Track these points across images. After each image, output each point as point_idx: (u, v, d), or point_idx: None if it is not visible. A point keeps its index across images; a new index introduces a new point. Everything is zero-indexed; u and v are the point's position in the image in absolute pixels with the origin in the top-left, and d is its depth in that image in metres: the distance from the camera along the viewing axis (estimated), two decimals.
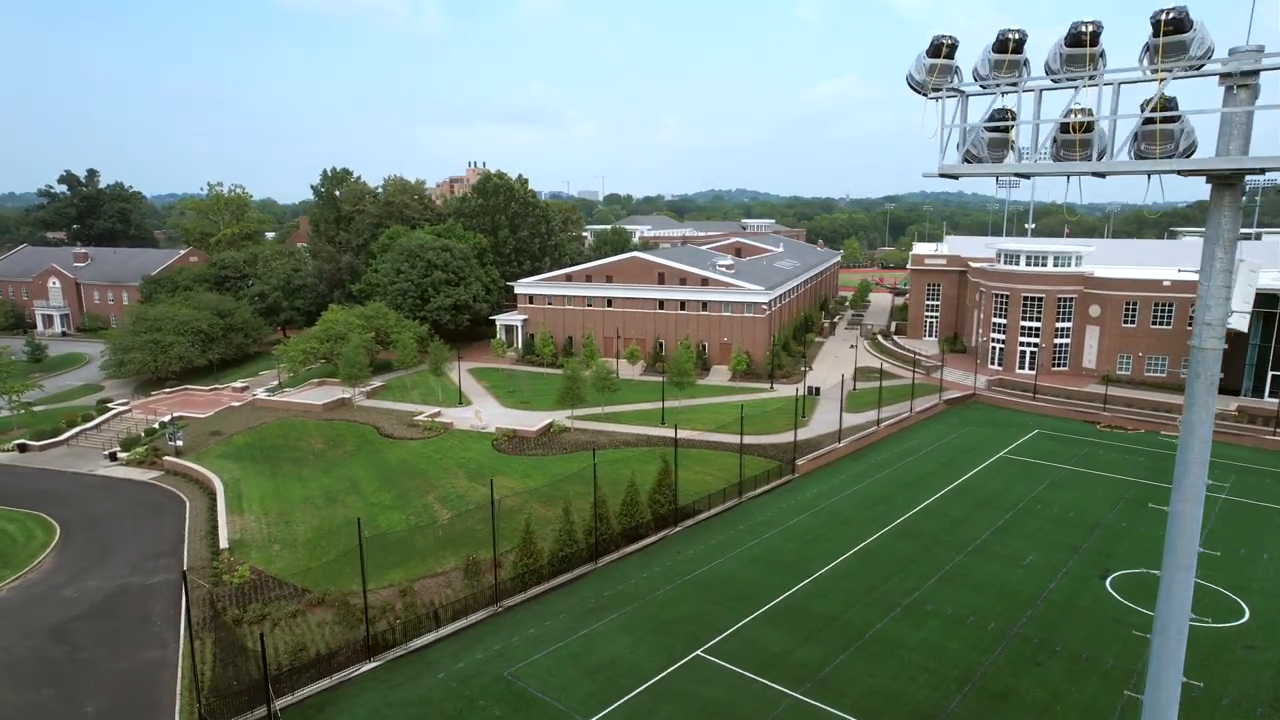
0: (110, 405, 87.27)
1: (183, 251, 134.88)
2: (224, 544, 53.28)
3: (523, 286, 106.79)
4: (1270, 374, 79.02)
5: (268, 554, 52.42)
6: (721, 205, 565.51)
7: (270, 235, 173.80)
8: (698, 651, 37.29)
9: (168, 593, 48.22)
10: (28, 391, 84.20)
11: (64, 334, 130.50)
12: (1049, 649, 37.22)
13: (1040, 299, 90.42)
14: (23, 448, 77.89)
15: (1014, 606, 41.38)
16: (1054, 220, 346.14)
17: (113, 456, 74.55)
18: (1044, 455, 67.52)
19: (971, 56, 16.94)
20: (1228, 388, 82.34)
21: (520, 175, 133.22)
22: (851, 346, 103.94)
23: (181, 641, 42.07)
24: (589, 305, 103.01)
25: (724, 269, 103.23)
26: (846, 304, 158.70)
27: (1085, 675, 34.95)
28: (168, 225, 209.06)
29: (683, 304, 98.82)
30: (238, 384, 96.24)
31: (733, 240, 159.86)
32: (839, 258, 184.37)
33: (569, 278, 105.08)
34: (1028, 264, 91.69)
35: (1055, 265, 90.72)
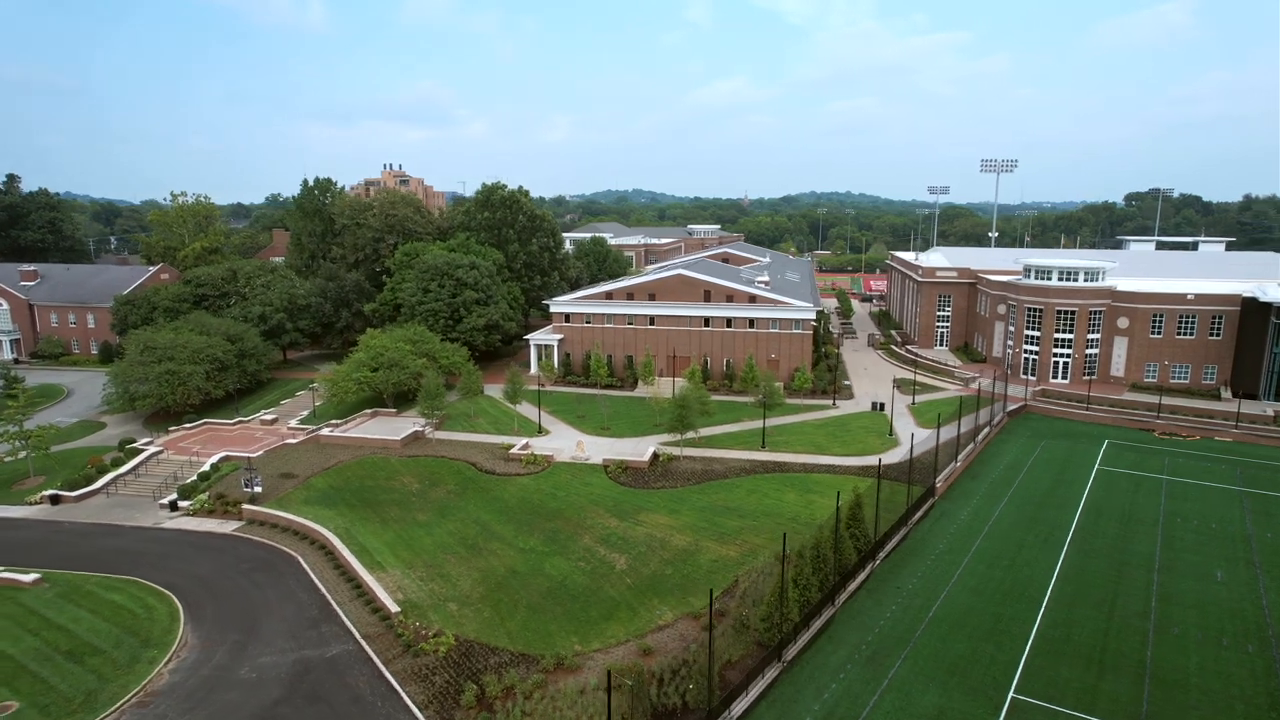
0: (139, 446, 79.02)
1: (153, 269, 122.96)
2: (393, 607, 49.16)
3: (558, 305, 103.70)
4: None
5: (445, 614, 48.79)
6: (630, 207, 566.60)
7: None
8: (1011, 695, 37.43)
9: (362, 667, 44.17)
10: (49, 431, 75.17)
11: (16, 361, 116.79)
12: None
13: (1073, 312, 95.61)
14: (55, 499, 69.56)
15: (1251, 626, 43.59)
16: (965, 224, 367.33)
17: (173, 506, 67.62)
18: (1134, 466, 71.42)
19: None
20: (1246, 392, 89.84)
21: (520, 186, 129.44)
22: (913, 370, 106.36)
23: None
24: (630, 324, 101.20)
25: (763, 284, 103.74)
26: (827, 312, 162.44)
27: None
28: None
29: (729, 321, 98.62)
30: (266, 416, 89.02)
31: (721, 249, 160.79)
32: (810, 264, 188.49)
33: (609, 295, 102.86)
34: (1060, 279, 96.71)
35: (1085, 280, 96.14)
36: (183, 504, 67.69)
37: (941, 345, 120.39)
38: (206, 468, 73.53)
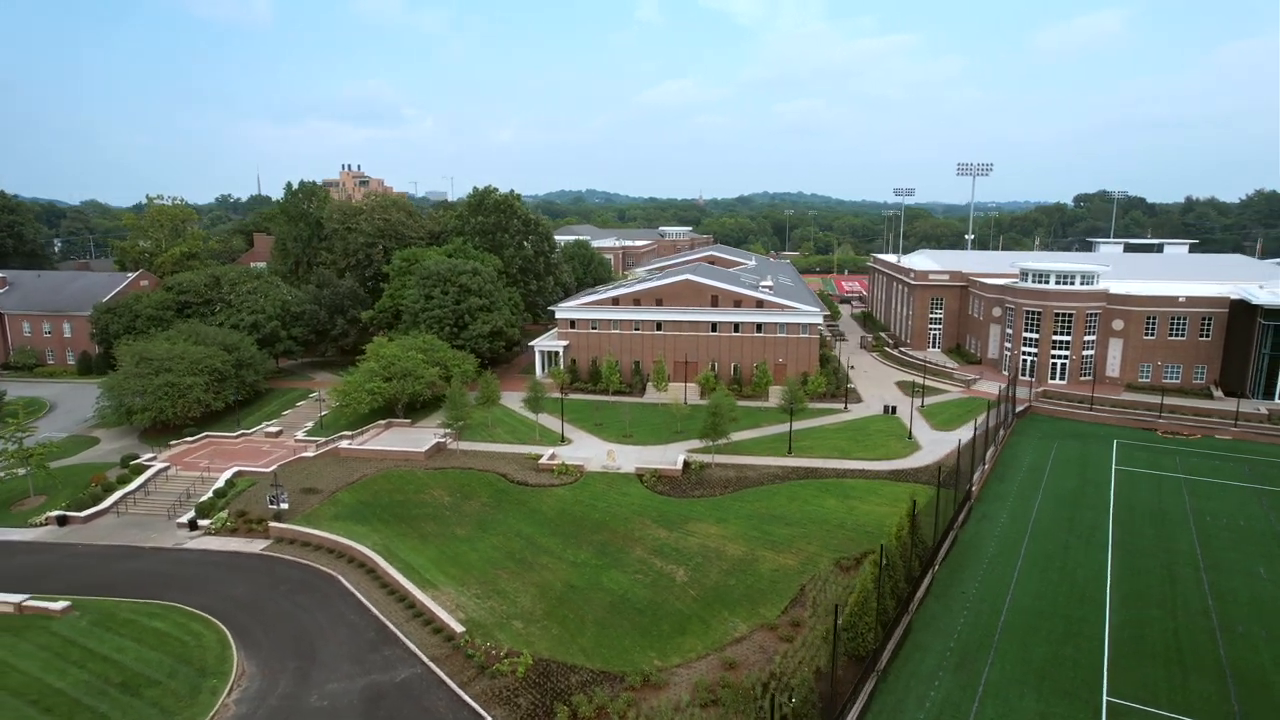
0: (144, 462, 75.88)
1: (132, 275, 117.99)
2: (458, 627, 48.04)
3: (564, 311, 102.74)
4: None
5: (512, 633, 47.87)
6: (587, 207, 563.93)
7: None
8: (1105, 698, 38.24)
9: (436, 690, 43.07)
10: (50, 448, 71.74)
11: None
12: None
13: (1071, 315, 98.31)
14: (62, 520, 66.40)
15: None
16: (925, 225, 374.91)
17: (192, 525, 65.15)
18: (1149, 465, 73.66)
19: None
20: (1235, 391, 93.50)
21: (512, 190, 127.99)
22: (911, 371, 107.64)
23: None
24: (637, 329, 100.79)
25: (767, 289, 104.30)
26: None
27: None
28: None
29: (736, 326, 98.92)
30: (271, 428, 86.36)
31: (708, 251, 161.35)
32: (791, 266, 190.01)
33: (615, 301, 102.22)
34: (1058, 282, 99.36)
35: (1081, 283, 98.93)
36: (202, 522, 65.27)
37: (934, 347, 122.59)
38: (221, 484, 70.99)
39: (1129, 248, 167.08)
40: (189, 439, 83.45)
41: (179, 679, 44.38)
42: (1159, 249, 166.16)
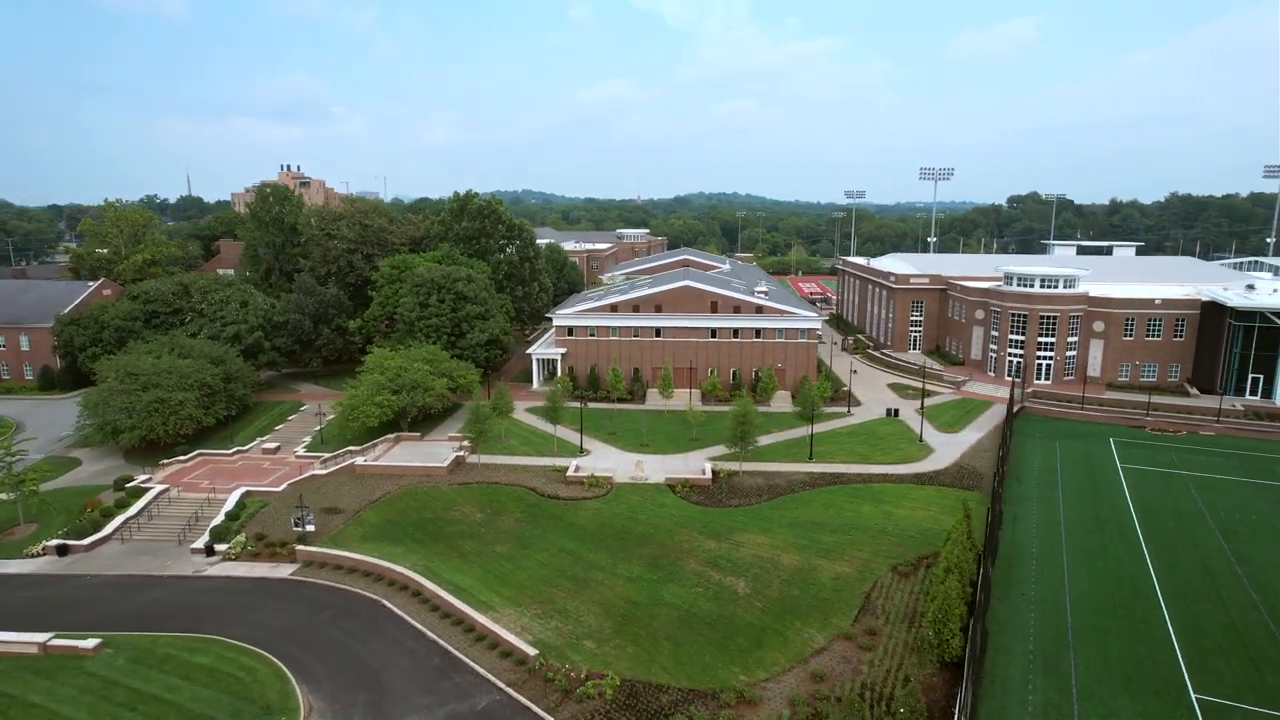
0: (143, 485, 71.80)
1: (94, 285, 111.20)
2: (530, 650, 46.83)
3: (562, 318, 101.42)
4: (1250, 376, 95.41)
5: (585, 653, 46.99)
6: (527, 209, 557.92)
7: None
8: (1194, 695, 39.70)
9: (523, 718, 41.96)
10: (42, 471, 67.30)
11: None
12: None
13: (1055, 317, 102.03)
14: (63, 550, 62.34)
15: None
16: (869, 226, 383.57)
17: (209, 550, 61.95)
18: (1151, 462, 76.87)
19: None
20: (1205, 388, 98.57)
21: (494, 194, 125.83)
22: (902, 373, 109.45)
23: None
24: (636, 336, 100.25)
25: (762, 294, 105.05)
26: None
27: None
28: None
29: (735, 332, 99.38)
30: (268, 444, 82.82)
31: (682, 255, 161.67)
32: (759, 269, 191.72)
33: (614, 308, 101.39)
34: (1042, 286, 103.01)
35: (1064, 287, 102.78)
36: (219, 547, 62.14)
37: (915, 349, 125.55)
38: (231, 505, 67.69)
39: (1080, 250, 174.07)
40: (181, 458, 79.32)
41: (244, 718, 42.07)
42: (1109, 251, 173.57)
